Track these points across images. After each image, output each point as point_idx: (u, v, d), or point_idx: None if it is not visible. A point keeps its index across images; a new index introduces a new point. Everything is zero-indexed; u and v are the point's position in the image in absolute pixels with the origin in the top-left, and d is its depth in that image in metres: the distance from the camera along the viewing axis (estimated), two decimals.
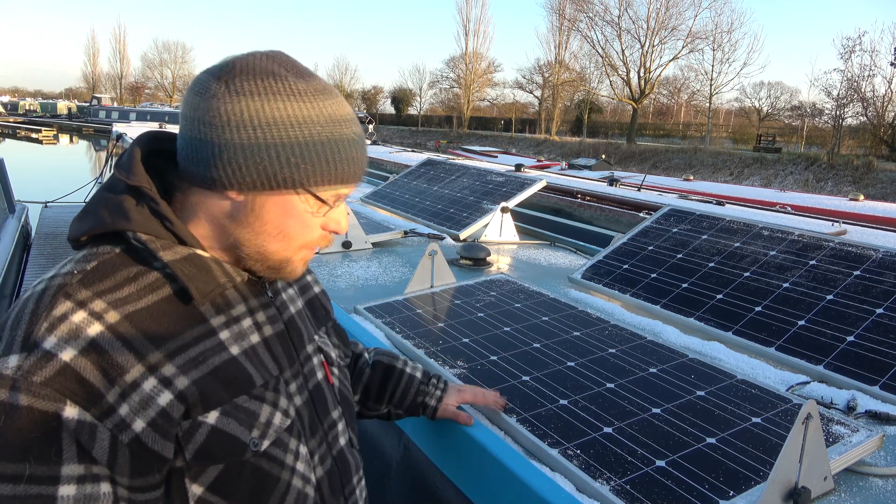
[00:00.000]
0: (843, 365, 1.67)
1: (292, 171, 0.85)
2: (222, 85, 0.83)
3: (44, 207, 11.24)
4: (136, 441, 0.74)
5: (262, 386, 0.87)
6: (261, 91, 0.83)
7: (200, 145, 0.83)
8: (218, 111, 0.82)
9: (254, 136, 0.82)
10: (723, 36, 35.27)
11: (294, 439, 0.90)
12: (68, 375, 0.71)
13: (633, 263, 2.50)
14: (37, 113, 55.74)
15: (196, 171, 0.85)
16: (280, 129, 0.84)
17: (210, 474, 0.81)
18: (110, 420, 0.73)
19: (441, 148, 23.65)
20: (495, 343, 1.80)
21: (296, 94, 0.85)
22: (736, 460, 1.22)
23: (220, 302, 0.87)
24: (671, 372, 1.59)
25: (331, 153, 0.87)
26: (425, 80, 58.15)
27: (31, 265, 7.46)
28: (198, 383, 0.79)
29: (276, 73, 0.85)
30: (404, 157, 7.76)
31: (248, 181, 0.84)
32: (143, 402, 0.74)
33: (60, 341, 0.72)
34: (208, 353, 0.82)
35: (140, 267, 0.82)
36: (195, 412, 0.79)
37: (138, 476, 0.75)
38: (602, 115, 48.68)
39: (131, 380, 0.74)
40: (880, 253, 2.02)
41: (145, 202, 0.84)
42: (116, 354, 0.74)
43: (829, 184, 22.25)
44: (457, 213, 3.83)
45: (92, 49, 73.69)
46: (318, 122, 0.86)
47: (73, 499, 0.71)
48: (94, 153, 32.27)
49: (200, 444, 0.79)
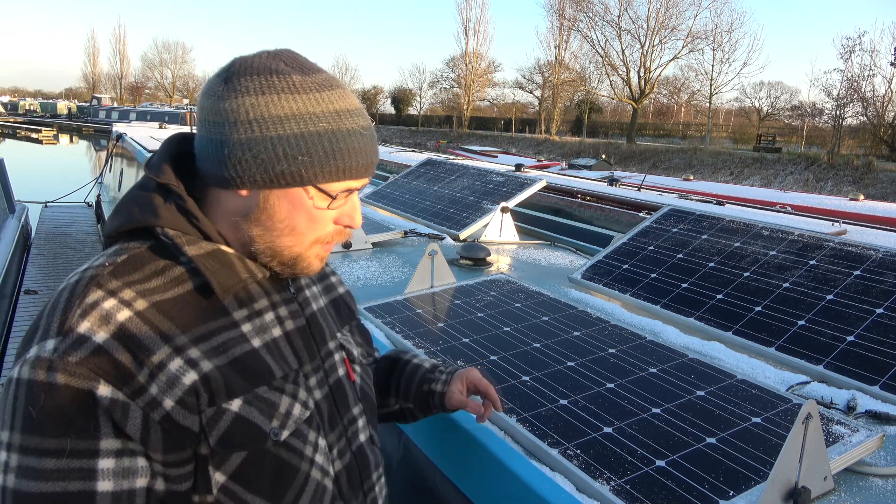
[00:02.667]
0: (843, 365, 1.67)
1: (292, 166, 0.86)
2: (224, 84, 0.86)
3: (44, 207, 11.24)
4: (167, 418, 0.77)
5: (282, 378, 0.89)
6: (261, 88, 0.85)
7: (210, 145, 0.86)
8: (223, 110, 0.85)
9: (254, 133, 0.84)
10: (723, 36, 35.31)
11: (313, 431, 0.92)
12: (101, 357, 0.75)
13: (633, 263, 2.50)
14: (37, 113, 55.75)
15: (210, 171, 0.88)
16: (278, 124, 0.85)
17: (233, 462, 0.83)
18: (142, 399, 0.76)
19: (441, 148, 23.66)
20: (495, 343, 1.80)
21: (296, 88, 0.86)
22: (736, 460, 1.22)
23: (243, 296, 0.90)
24: (671, 372, 1.59)
25: (331, 145, 0.87)
26: (425, 80, 58.15)
27: (31, 265, 7.46)
28: (221, 370, 0.82)
29: (278, 70, 0.86)
30: (404, 157, 7.77)
31: (252, 178, 0.86)
32: (170, 382, 0.78)
33: (93, 326, 0.77)
34: (230, 342, 0.85)
35: (167, 261, 0.86)
36: (219, 399, 0.81)
37: (171, 452, 0.79)
38: (602, 115, 48.67)
39: (158, 361, 0.78)
40: (880, 253, 2.02)
41: (173, 200, 0.88)
42: (144, 338, 0.78)
43: (829, 184, 22.25)
44: (457, 213, 3.83)
45: (92, 49, 73.83)
46: (318, 115, 0.87)
47: (112, 472, 0.75)
48: (94, 153, 32.26)
49: (224, 430, 0.81)
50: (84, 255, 8.06)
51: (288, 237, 0.90)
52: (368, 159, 0.91)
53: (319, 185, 0.88)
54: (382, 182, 5.15)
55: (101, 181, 11.68)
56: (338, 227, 0.93)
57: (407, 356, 1.32)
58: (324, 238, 0.93)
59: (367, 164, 0.91)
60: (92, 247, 8.61)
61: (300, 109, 0.86)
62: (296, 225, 0.90)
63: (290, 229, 0.90)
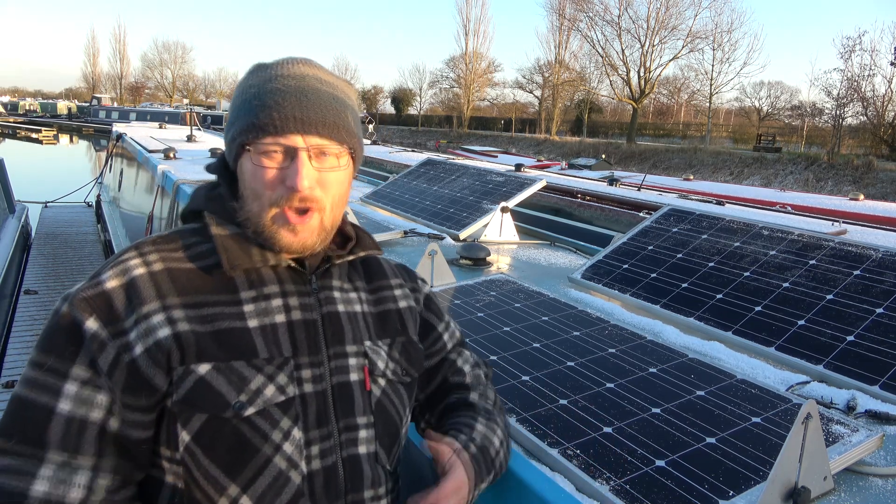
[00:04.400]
0: (842, 365, 1.67)
1: (230, 131, 0.98)
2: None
3: (44, 207, 11.25)
4: (133, 363, 0.87)
5: (265, 359, 0.92)
6: (243, 78, 1.00)
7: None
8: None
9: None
10: (723, 35, 35.31)
11: (288, 420, 0.92)
12: (103, 297, 0.89)
13: (632, 263, 2.50)
14: (37, 113, 55.74)
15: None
16: (233, 100, 1.00)
17: (195, 424, 0.88)
18: (119, 340, 0.87)
19: (441, 148, 23.64)
20: (495, 343, 1.80)
21: (261, 67, 0.99)
22: (736, 460, 1.22)
23: (255, 279, 0.97)
24: (671, 372, 1.59)
25: (250, 104, 0.95)
26: (425, 79, 58.15)
27: (31, 265, 7.46)
28: (197, 334, 0.89)
29: (268, 63, 0.99)
30: (404, 157, 7.76)
31: (227, 153, 1.01)
32: (147, 331, 0.88)
33: (112, 275, 0.91)
34: (221, 316, 0.92)
35: (200, 239, 0.98)
36: (188, 359, 0.88)
37: (129, 394, 0.87)
38: (602, 115, 48.66)
39: (145, 311, 0.89)
40: (880, 253, 2.02)
41: (219, 190, 1.02)
42: (144, 292, 0.90)
43: (829, 183, 22.24)
44: (457, 213, 3.83)
45: (92, 49, 73.84)
46: (253, 83, 0.97)
47: (72, 396, 0.85)
48: (94, 153, 32.25)
49: (187, 389, 0.88)
50: (84, 255, 8.06)
51: (251, 202, 0.95)
52: (285, 113, 0.93)
53: (248, 144, 0.94)
54: (382, 182, 5.15)
55: (101, 181, 11.67)
56: (286, 190, 0.93)
57: (466, 416, 1.17)
58: (275, 200, 0.94)
59: (285, 118, 0.93)
60: (92, 247, 8.60)
61: (243, 84, 0.99)
62: (254, 187, 0.95)
63: (252, 193, 0.95)
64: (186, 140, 8.63)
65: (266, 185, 0.94)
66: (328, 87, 0.97)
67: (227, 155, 1.01)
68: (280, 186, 0.93)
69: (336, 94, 0.98)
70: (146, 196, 6.08)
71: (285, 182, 0.93)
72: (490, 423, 1.15)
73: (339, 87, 1.00)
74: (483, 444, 1.10)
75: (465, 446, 1.07)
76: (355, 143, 1.01)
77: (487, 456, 1.09)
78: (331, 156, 0.96)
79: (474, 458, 1.07)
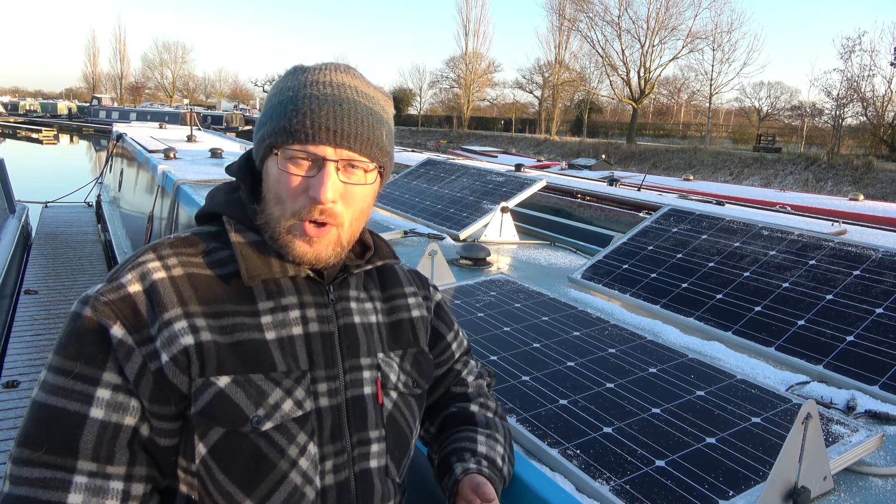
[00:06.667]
0: (842, 365, 1.67)
1: (261, 130, 0.95)
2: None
3: (44, 207, 11.24)
4: (160, 371, 0.85)
5: (283, 372, 0.91)
6: (283, 77, 0.97)
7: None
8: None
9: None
10: (723, 36, 35.31)
11: (304, 434, 0.91)
12: (127, 303, 0.86)
13: (632, 263, 2.50)
14: (37, 113, 55.67)
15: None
16: (266, 102, 0.97)
17: (212, 437, 0.87)
18: (145, 348, 0.85)
19: (441, 148, 23.65)
20: (495, 343, 1.80)
21: (300, 70, 0.96)
22: (735, 460, 1.22)
23: (273, 289, 0.95)
24: (671, 372, 1.59)
25: (285, 108, 0.92)
26: (425, 80, 58.17)
27: (31, 265, 7.46)
28: (218, 345, 0.88)
29: (307, 66, 0.96)
30: (404, 157, 7.76)
31: (255, 152, 0.98)
32: (170, 339, 0.86)
33: (132, 278, 0.88)
34: (241, 327, 0.90)
35: (218, 244, 0.96)
36: (208, 371, 0.86)
37: (156, 403, 0.85)
38: (602, 115, 48.66)
39: (167, 318, 0.87)
40: (880, 253, 2.02)
41: (239, 194, 0.99)
42: (166, 298, 0.88)
43: (829, 184, 22.24)
44: (457, 213, 3.83)
45: (92, 49, 73.74)
46: (289, 86, 0.94)
47: (106, 402, 0.83)
48: (94, 153, 32.23)
49: (207, 402, 0.86)
50: (84, 255, 8.06)
51: (274, 206, 0.93)
52: (319, 122, 0.90)
53: (277, 148, 0.92)
54: None
55: (101, 181, 11.66)
56: (308, 201, 0.90)
57: (467, 432, 1.16)
58: (297, 210, 0.91)
59: (318, 128, 0.90)
60: (92, 247, 8.60)
61: (280, 85, 0.96)
62: (277, 192, 0.92)
63: (274, 197, 0.93)
64: (186, 140, 8.64)
65: (289, 191, 0.91)
66: (366, 99, 0.94)
67: (255, 153, 0.98)
68: (303, 196, 0.91)
69: (373, 107, 0.95)
70: (146, 196, 6.08)
71: (308, 191, 0.90)
72: (490, 437, 1.15)
73: (377, 100, 0.97)
74: (490, 456, 1.11)
75: (479, 472, 1.06)
76: (386, 161, 0.98)
77: (496, 469, 1.11)
78: (359, 169, 0.93)
79: (491, 480, 1.06)
